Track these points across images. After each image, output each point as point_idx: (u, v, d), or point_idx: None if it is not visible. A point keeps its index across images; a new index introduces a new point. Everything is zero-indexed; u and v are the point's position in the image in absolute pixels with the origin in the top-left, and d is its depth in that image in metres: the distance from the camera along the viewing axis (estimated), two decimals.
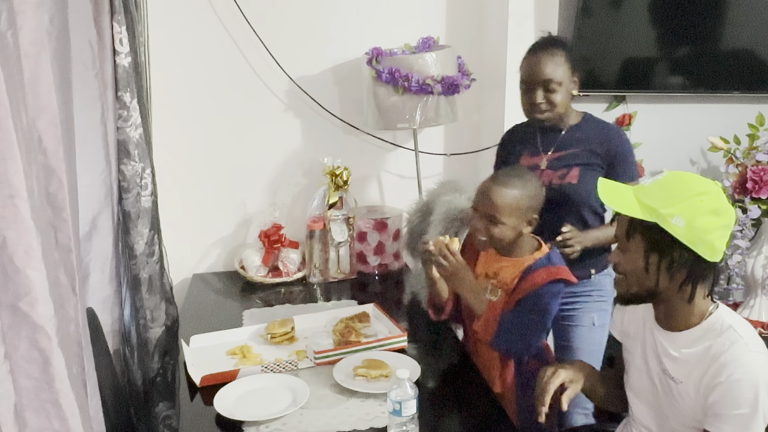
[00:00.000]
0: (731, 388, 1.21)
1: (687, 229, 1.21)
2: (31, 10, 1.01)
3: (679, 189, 1.24)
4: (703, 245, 1.22)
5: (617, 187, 1.35)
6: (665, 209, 1.22)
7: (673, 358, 1.33)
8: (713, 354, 1.25)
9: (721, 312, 1.31)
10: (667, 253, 1.24)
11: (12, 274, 0.91)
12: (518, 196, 1.65)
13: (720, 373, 1.23)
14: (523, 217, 1.67)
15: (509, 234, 1.67)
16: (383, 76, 2.30)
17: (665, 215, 1.21)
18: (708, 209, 1.22)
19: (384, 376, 1.64)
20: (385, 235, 2.49)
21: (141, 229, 1.84)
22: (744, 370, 1.20)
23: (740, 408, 1.20)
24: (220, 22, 2.42)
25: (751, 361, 1.21)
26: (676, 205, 1.22)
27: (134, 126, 1.78)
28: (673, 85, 2.65)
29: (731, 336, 1.25)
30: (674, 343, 1.33)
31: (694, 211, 1.21)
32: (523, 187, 1.67)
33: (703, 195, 1.23)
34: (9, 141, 0.87)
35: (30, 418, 0.97)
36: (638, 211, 1.25)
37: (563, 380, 1.44)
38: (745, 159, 2.52)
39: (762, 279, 2.54)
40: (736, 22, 2.57)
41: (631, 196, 1.28)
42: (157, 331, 1.94)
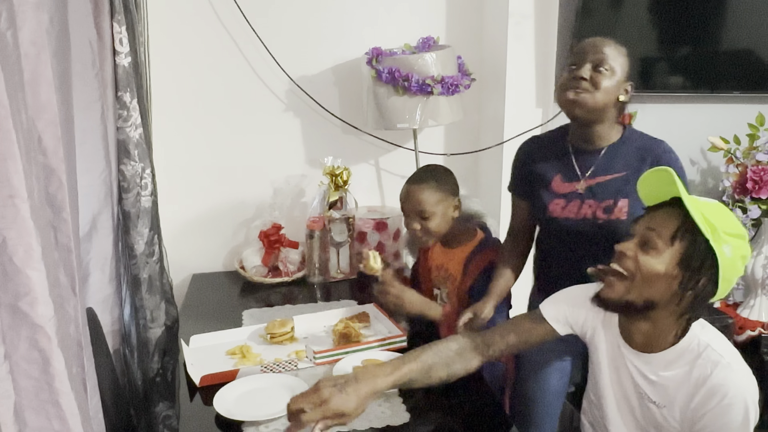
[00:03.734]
0: (722, 413, 1.19)
1: (729, 262, 1.19)
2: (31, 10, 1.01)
3: (730, 221, 1.22)
4: (727, 283, 1.21)
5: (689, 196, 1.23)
6: (725, 233, 1.19)
7: (651, 382, 1.28)
8: (697, 378, 1.21)
9: (695, 330, 1.26)
10: (696, 273, 1.20)
11: (12, 274, 0.91)
12: (435, 186, 1.81)
13: (709, 399, 1.20)
14: (447, 203, 1.82)
15: (443, 223, 1.82)
16: (383, 76, 2.30)
17: (722, 239, 1.18)
18: (743, 254, 1.22)
19: None
20: (385, 235, 2.49)
21: (141, 229, 1.84)
22: (733, 394, 1.18)
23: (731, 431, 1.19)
24: (220, 22, 2.42)
25: (738, 382, 1.19)
26: (731, 235, 1.20)
27: (134, 126, 1.78)
28: (673, 85, 2.65)
29: (712, 356, 1.21)
30: (649, 364, 1.28)
31: (738, 249, 1.20)
32: (435, 177, 1.83)
33: (742, 239, 1.22)
34: (9, 141, 0.87)
35: (30, 418, 0.97)
36: (702, 218, 1.18)
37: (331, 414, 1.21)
38: (745, 159, 2.52)
39: (762, 279, 2.54)
40: (736, 22, 2.57)
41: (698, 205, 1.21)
42: (157, 331, 1.94)
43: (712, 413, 1.20)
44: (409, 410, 1.53)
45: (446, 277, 1.92)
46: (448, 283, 1.92)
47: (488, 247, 1.86)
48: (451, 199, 1.83)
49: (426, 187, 1.81)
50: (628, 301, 1.24)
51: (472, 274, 1.83)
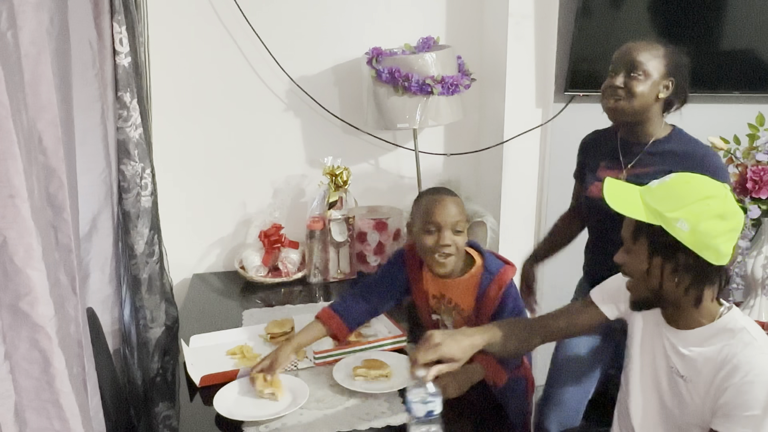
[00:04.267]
0: (744, 390, 1.20)
1: (691, 234, 1.20)
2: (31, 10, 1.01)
3: (685, 192, 1.23)
4: (708, 250, 1.21)
5: (624, 187, 1.33)
6: (670, 213, 1.21)
7: (682, 356, 1.32)
8: (726, 355, 1.24)
9: (735, 313, 1.30)
10: (671, 257, 1.23)
11: (12, 273, 0.91)
12: (459, 201, 1.69)
13: (733, 374, 1.22)
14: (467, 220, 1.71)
15: (464, 243, 1.68)
16: (383, 76, 2.30)
17: (670, 219, 1.21)
18: (714, 213, 1.21)
19: (383, 376, 1.64)
20: (385, 235, 2.49)
21: (141, 229, 1.84)
22: (757, 372, 1.20)
23: (752, 410, 1.19)
24: (220, 21, 2.42)
25: (764, 363, 1.21)
26: (682, 209, 1.21)
27: (134, 126, 1.78)
28: None
29: (745, 338, 1.24)
30: (684, 340, 1.32)
31: (700, 215, 1.20)
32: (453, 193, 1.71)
33: (709, 199, 1.21)
34: (9, 141, 0.87)
35: (30, 418, 0.97)
36: (643, 213, 1.24)
37: (441, 356, 1.35)
38: (745, 159, 2.52)
39: (762, 279, 2.54)
40: (736, 22, 2.57)
41: (638, 197, 1.27)
42: (157, 331, 1.94)
43: (733, 388, 1.21)
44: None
45: (451, 308, 1.78)
46: (454, 314, 1.78)
47: (495, 273, 1.70)
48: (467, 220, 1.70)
49: (458, 200, 1.68)
50: (644, 298, 1.32)
51: (488, 309, 1.69)
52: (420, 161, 2.54)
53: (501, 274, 1.70)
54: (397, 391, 1.60)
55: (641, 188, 1.30)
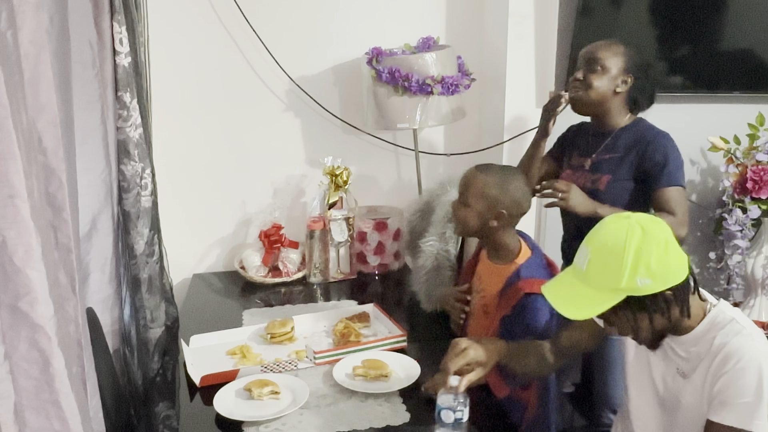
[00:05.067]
0: (736, 377, 1.22)
1: (654, 280, 1.20)
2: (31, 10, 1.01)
3: (614, 256, 1.22)
4: (674, 275, 1.22)
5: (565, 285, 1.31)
6: (623, 282, 1.20)
7: (684, 358, 1.34)
8: (718, 345, 1.26)
9: (722, 306, 1.32)
10: (653, 307, 1.24)
11: (12, 274, 0.91)
12: (488, 183, 1.68)
13: (725, 363, 1.24)
14: (490, 206, 1.67)
15: (472, 220, 1.70)
16: (383, 76, 2.30)
17: (629, 287, 1.21)
18: (650, 248, 1.20)
19: (383, 376, 1.64)
20: (385, 235, 2.49)
21: (141, 229, 1.84)
22: (748, 359, 1.21)
23: (744, 396, 1.21)
24: (221, 22, 2.42)
25: (754, 349, 1.23)
26: (628, 272, 1.20)
27: (134, 126, 1.78)
28: (673, 85, 2.65)
29: (734, 327, 1.26)
30: (683, 344, 1.33)
31: (644, 262, 1.20)
32: (499, 177, 1.69)
33: (633, 241, 1.21)
34: (9, 141, 0.87)
35: (30, 418, 0.97)
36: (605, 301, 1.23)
37: (469, 361, 1.42)
38: (745, 159, 2.52)
39: (762, 279, 2.54)
40: (736, 22, 2.57)
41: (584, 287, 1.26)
42: (157, 331, 1.94)
43: (726, 376, 1.23)
44: (409, 410, 1.53)
45: (478, 290, 1.81)
46: (477, 297, 1.80)
47: (525, 277, 1.66)
48: (495, 205, 1.67)
49: (480, 177, 1.69)
50: (652, 341, 1.35)
51: (506, 304, 1.67)
52: (420, 161, 2.54)
53: (528, 282, 1.64)
54: (397, 391, 1.60)
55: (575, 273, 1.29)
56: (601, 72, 1.84)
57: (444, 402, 1.35)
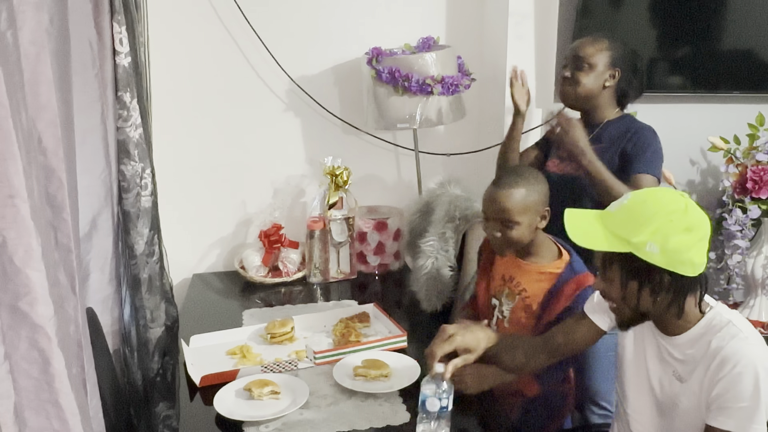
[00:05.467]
0: (733, 381, 1.21)
1: (662, 254, 1.19)
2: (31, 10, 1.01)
3: (645, 212, 1.21)
4: (683, 265, 1.21)
5: (583, 216, 1.31)
6: (636, 237, 1.19)
7: (680, 361, 1.32)
8: (714, 349, 1.25)
9: (719, 308, 1.31)
10: (647, 279, 1.23)
11: (12, 274, 0.91)
12: (525, 194, 1.64)
13: (722, 367, 1.23)
14: (535, 212, 1.65)
15: (527, 233, 1.66)
16: (383, 76, 2.30)
17: (637, 244, 1.19)
18: (680, 228, 1.19)
19: (383, 376, 1.64)
20: (385, 235, 2.49)
21: (141, 229, 1.84)
22: (745, 363, 1.20)
23: (742, 401, 1.20)
24: (221, 21, 2.42)
25: (750, 353, 1.22)
26: (646, 231, 1.19)
27: (134, 126, 1.78)
28: (673, 85, 2.65)
29: (731, 330, 1.25)
30: (678, 346, 1.32)
31: (666, 233, 1.19)
32: (526, 183, 1.66)
33: (671, 214, 1.20)
34: (9, 141, 0.87)
35: (30, 418, 0.97)
36: (609, 243, 1.22)
37: (456, 347, 1.40)
38: (745, 159, 2.52)
39: (762, 279, 2.54)
40: (736, 22, 2.57)
41: (598, 226, 1.25)
42: (157, 331, 1.94)
43: (724, 381, 1.22)
44: (409, 410, 1.53)
45: (516, 292, 1.74)
46: (517, 299, 1.73)
47: (578, 272, 1.66)
48: (540, 209, 1.66)
49: (514, 194, 1.63)
50: (629, 319, 1.32)
51: (556, 308, 1.65)
52: (420, 161, 2.54)
53: (584, 276, 1.66)
54: (398, 391, 1.60)
55: (601, 213, 1.29)
56: (588, 69, 1.90)
57: (430, 390, 1.34)
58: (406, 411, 1.53)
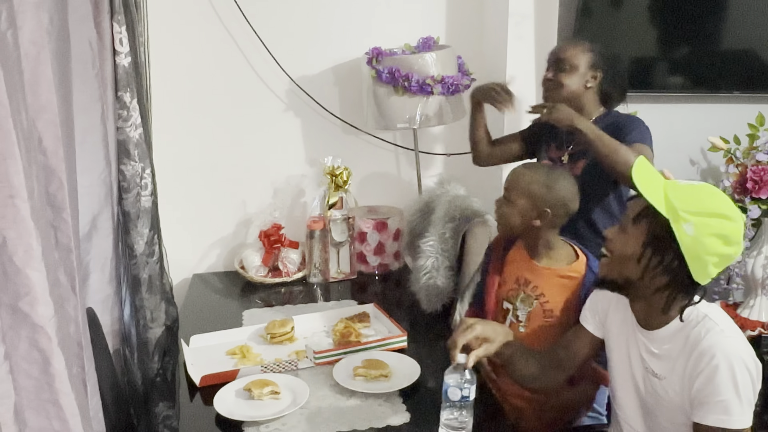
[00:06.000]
0: (711, 375, 1.22)
1: (692, 240, 1.20)
2: (31, 10, 1.01)
3: (707, 202, 1.23)
4: (698, 263, 1.22)
5: (652, 172, 1.31)
6: (684, 212, 1.21)
7: (656, 355, 1.33)
8: (691, 344, 1.26)
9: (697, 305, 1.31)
10: (660, 252, 1.24)
11: (12, 274, 0.91)
12: (533, 180, 1.63)
13: (699, 361, 1.24)
14: (533, 203, 1.63)
15: (515, 217, 1.66)
16: (383, 76, 2.30)
17: (681, 217, 1.20)
18: (722, 233, 1.21)
19: (383, 376, 1.64)
20: (385, 235, 2.49)
21: (141, 229, 1.84)
22: (721, 356, 1.21)
23: (720, 395, 1.21)
24: (221, 21, 2.42)
25: (726, 345, 1.22)
26: (697, 215, 1.21)
27: (134, 126, 1.78)
28: (673, 85, 2.65)
29: (707, 324, 1.26)
30: (655, 341, 1.33)
31: (708, 227, 1.20)
32: (545, 176, 1.64)
33: (725, 219, 1.22)
34: (9, 141, 0.87)
35: (30, 418, 0.97)
36: (661, 202, 1.23)
37: (477, 335, 1.40)
38: (745, 159, 2.52)
39: (762, 279, 2.53)
40: (736, 22, 2.57)
41: (660, 186, 1.26)
42: (157, 331, 1.94)
43: (702, 375, 1.23)
44: (409, 410, 1.53)
45: (533, 296, 1.68)
46: (535, 304, 1.68)
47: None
48: (539, 204, 1.62)
49: (524, 174, 1.66)
50: (611, 279, 1.33)
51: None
52: (420, 161, 2.54)
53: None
54: (398, 391, 1.60)
55: (667, 180, 1.29)
56: (570, 70, 1.91)
57: (451, 380, 1.35)
58: (406, 411, 1.53)
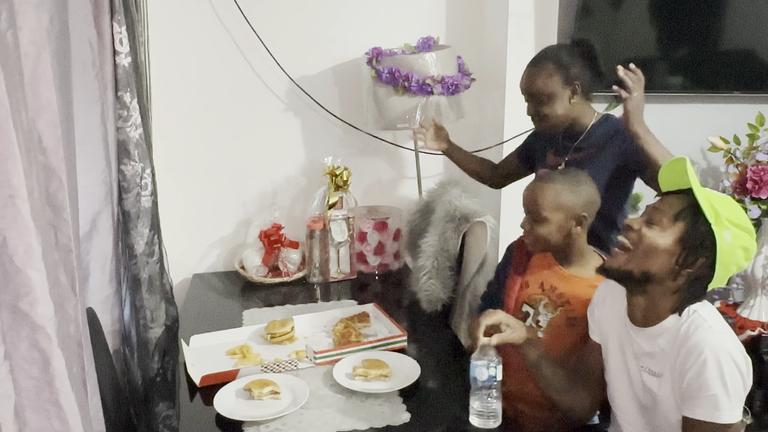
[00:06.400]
0: (700, 370, 1.23)
1: (728, 247, 1.24)
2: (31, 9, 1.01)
3: (738, 214, 1.27)
4: (724, 270, 1.26)
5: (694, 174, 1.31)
6: (728, 220, 1.24)
7: (650, 354, 1.34)
8: (680, 340, 1.28)
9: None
10: (695, 253, 1.26)
11: (12, 274, 0.91)
12: (560, 190, 1.58)
13: (688, 357, 1.25)
14: (569, 213, 1.59)
15: (555, 234, 1.60)
16: (383, 76, 2.30)
17: (724, 224, 1.24)
18: (746, 246, 1.26)
19: (383, 376, 1.64)
20: (385, 235, 2.49)
21: (141, 229, 1.84)
22: (709, 351, 1.23)
23: (709, 389, 1.22)
24: (221, 22, 2.42)
25: (714, 341, 1.24)
26: (737, 225, 1.25)
27: (134, 126, 1.78)
28: (673, 85, 2.65)
29: (696, 320, 1.28)
30: (648, 339, 1.34)
31: (740, 239, 1.25)
32: (567, 182, 1.60)
33: (749, 234, 1.27)
34: (9, 141, 0.87)
35: (30, 418, 0.97)
36: (708, 203, 1.25)
37: (499, 321, 1.46)
38: (745, 159, 2.52)
39: (762, 279, 2.54)
40: (736, 22, 2.57)
41: (701, 189, 1.28)
42: (157, 331, 1.94)
43: (691, 371, 1.25)
44: (409, 410, 1.53)
45: (558, 303, 1.64)
46: (559, 311, 1.64)
47: None
48: (575, 211, 1.58)
49: (547, 189, 1.59)
50: (627, 270, 1.32)
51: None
52: (420, 161, 2.54)
53: None
54: (398, 391, 1.60)
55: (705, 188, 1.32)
56: (548, 100, 1.82)
57: (479, 361, 1.40)
58: (406, 411, 1.53)
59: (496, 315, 1.47)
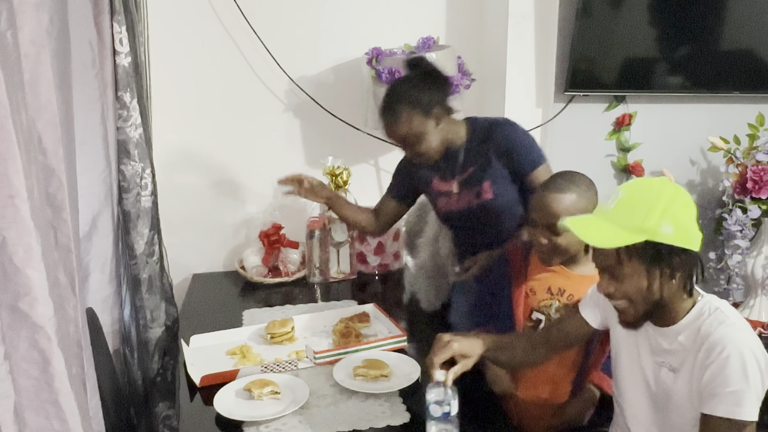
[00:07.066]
0: (722, 366, 1.22)
1: (677, 232, 1.22)
2: (31, 10, 1.01)
3: (647, 197, 1.24)
4: (692, 239, 1.24)
5: (590, 222, 1.30)
6: (648, 222, 1.21)
7: (670, 351, 1.34)
8: (702, 335, 1.27)
9: (708, 297, 1.33)
10: (667, 261, 1.24)
11: (12, 274, 0.91)
12: (576, 200, 1.55)
13: (710, 353, 1.24)
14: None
15: (575, 241, 1.57)
16: (383, 76, 2.30)
17: (652, 228, 1.21)
18: (682, 203, 1.24)
19: (383, 376, 1.64)
20: (385, 235, 2.49)
21: (141, 229, 1.84)
22: (732, 347, 1.22)
23: (731, 386, 1.21)
24: (220, 22, 2.42)
25: (737, 337, 1.23)
26: (656, 214, 1.21)
27: (134, 126, 1.78)
28: (673, 85, 2.65)
29: (719, 317, 1.27)
30: (668, 336, 1.34)
31: (674, 211, 1.22)
32: (578, 188, 1.58)
33: (668, 193, 1.24)
34: (9, 141, 0.87)
35: (30, 418, 0.97)
36: (628, 236, 1.22)
37: (453, 354, 1.41)
38: (745, 159, 2.52)
39: (762, 279, 2.53)
40: (736, 22, 2.57)
41: (606, 224, 1.26)
42: (157, 331, 1.94)
43: (712, 366, 1.24)
44: (409, 410, 1.53)
45: (571, 304, 1.64)
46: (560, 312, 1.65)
47: None
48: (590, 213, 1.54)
49: (564, 198, 1.55)
50: (644, 314, 1.32)
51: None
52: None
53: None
54: (398, 391, 1.60)
55: (601, 213, 1.29)
56: (419, 139, 1.79)
57: (433, 396, 1.36)
58: (406, 411, 1.53)
59: (449, 349, 1.40)
